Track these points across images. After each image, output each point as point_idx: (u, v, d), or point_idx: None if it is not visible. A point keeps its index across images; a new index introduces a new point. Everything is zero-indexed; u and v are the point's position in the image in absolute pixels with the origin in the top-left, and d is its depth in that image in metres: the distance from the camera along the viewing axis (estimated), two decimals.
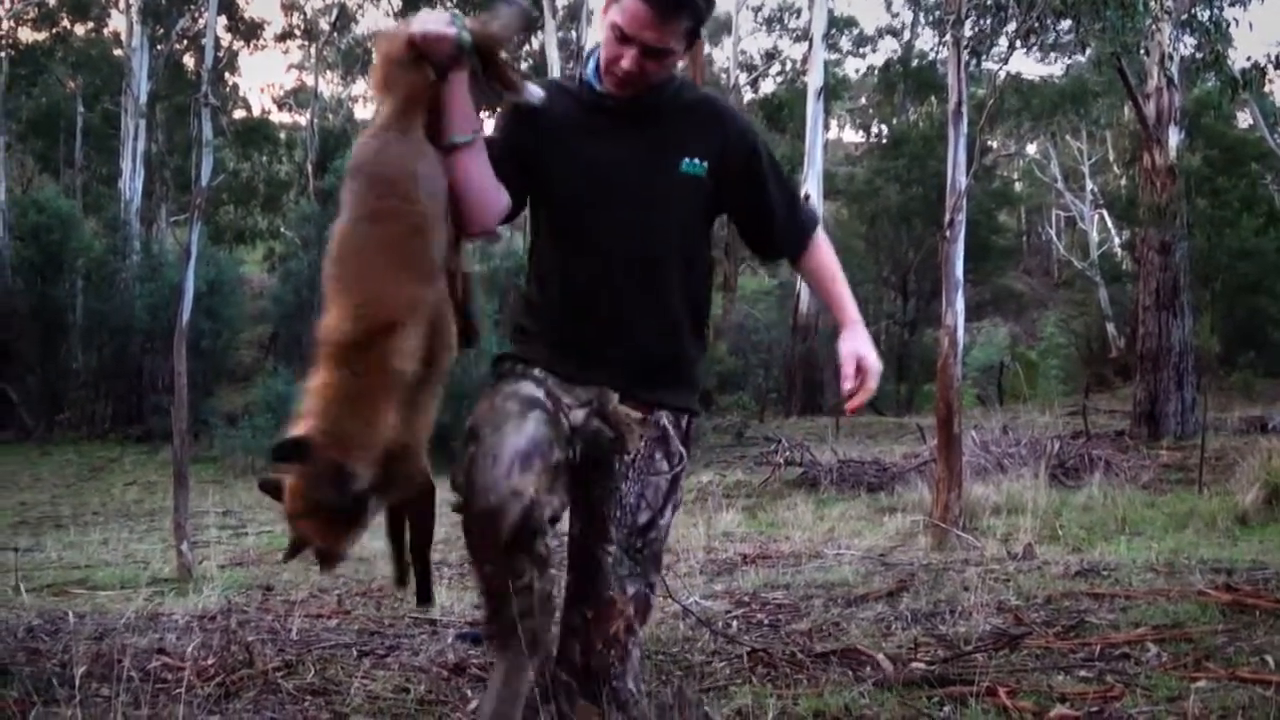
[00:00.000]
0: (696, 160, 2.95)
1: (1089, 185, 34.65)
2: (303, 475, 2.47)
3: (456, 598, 5.31)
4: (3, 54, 29.11)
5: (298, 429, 2.49)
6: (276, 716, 3.27)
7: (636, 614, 2.98)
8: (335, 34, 37.54)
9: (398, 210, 2.64)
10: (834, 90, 34.00)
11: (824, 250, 3.15)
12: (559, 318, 3.01)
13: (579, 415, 2.93)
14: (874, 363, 3.00)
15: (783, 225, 3.09)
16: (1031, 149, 39.07)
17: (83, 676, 3.33)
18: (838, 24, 36.89)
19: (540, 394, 2.89)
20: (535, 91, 2.90)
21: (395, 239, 2.62)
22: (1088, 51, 17.30)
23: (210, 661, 3.70)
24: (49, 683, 3.29)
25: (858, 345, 2.99)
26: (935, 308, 18.46)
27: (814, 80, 24.98)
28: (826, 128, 31.50)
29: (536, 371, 2.96)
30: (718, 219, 3.17)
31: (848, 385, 2.97)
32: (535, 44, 34.50)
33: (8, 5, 29.25)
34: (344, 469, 2.46)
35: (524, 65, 36.00)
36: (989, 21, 9.52)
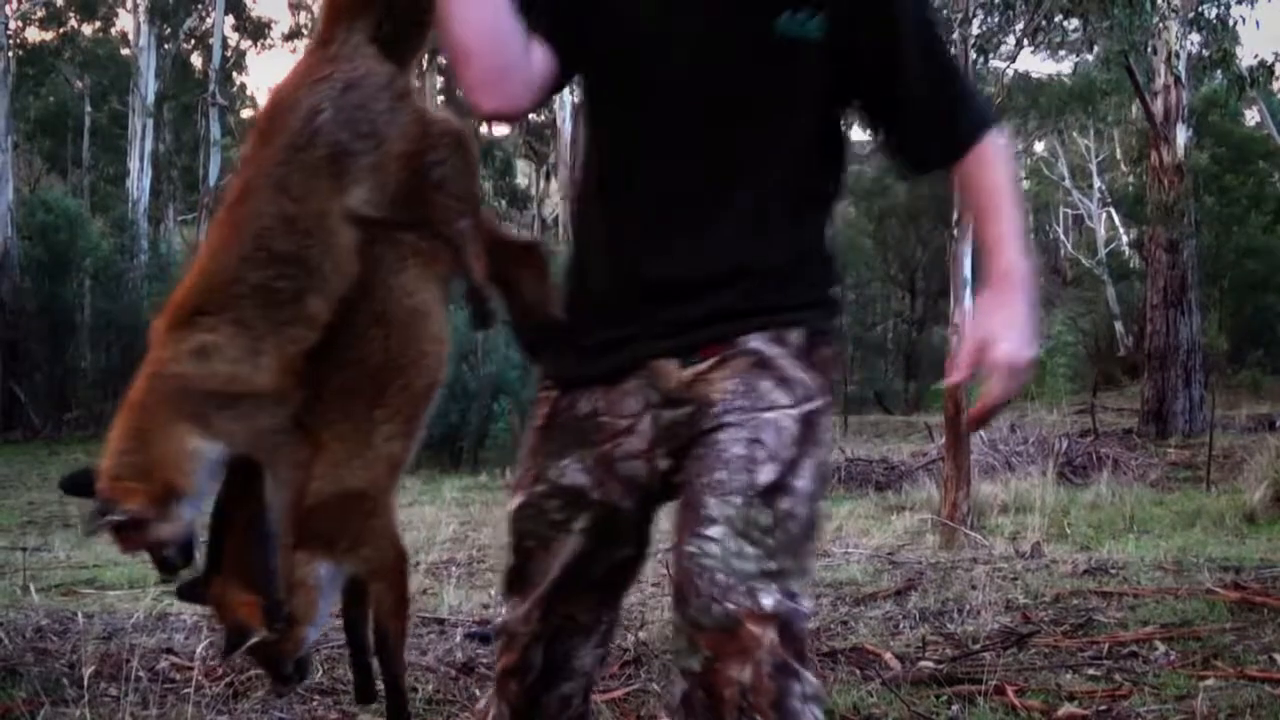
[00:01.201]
0: (802, 12, 1.91)
1: (1096, 183, 34.59)
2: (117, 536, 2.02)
3: (464, 596, 5.31)
4: (10, 54, 29.15)
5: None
6: (284, 716, 3.28)
7: (784, 641, 1.76)
8: None
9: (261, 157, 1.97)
10: None
11: (990, 168, 2.02)
12: (603, 256, 2.07)
13: (642, 430, 2.01)
14: (1008, 353, 1.87)
15: (921, 111, 2.00)
16: (1039, 147, 38.94)
17: (91, 676, 3.34)
18: None
19: (586, 478, 2.03)
20: None
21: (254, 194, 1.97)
22: (1095, 50, 17.24)
23: (218, 661, 3.70)
24: (58, 683, 3.30)
25: (991, 324, 1.90)
26: (943, 306, 18.46)
27: None
28: None
29: (582, 407, 2.05)
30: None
31: (953, 378, 1.97)
32: None
33: (15, 5, 29.29)
34: (104, 508, 1.97)
35: None
36: (996, 20, 9.53)
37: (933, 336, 28.40)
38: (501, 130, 39.85)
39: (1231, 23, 14.44)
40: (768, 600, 1.76)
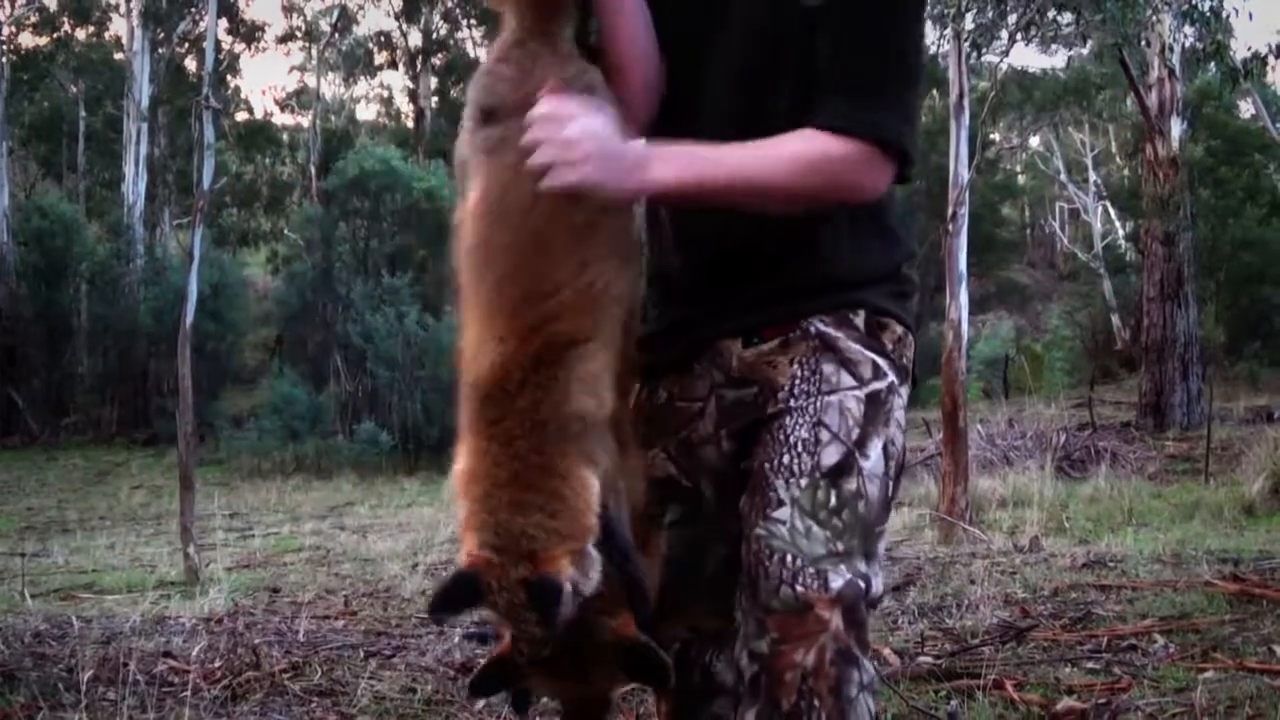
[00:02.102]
0: None
1: (1092, 177, 34.58)
2: (499, 619, 1.77)
3: None
4: (4, 59, 29.12)
5: (462, 551, 1.77)
6: (283, 718, 3.27)
7: (848, 626, 1.76)
8: (336, 35, 37.52)
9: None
10: None
11: (805, 139, 1.86)
12: (667, 240, 2.05)
13: (709, 412, 1.99)
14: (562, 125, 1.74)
15: (826, 82, 1.88)
16: (1034, 141, 38.95)
17: (89, 681, 3.33)
18: None
19: (672, 467, 2.01)
20: None
21: (571, 202, 1.75)
22: (1089, 43, 17.29)
23: (217, 664, 3.70)
24: (56, 687, 3.29)
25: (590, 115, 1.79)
26: (939, 301, 18.48)
27: None
28: None
29: (660, 394, 2.04)
30: None
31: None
32: None
33: (8, 10, 29.25)
34: (543, 585, 1.69)
35: None
36: (990, 14, 9.53)
37: (928, 331, 28.40)
38: None
39: (1225, 15, 14.40)
40: (836, 581, 1.76)
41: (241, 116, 37.91)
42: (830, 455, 1.83)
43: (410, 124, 37.52)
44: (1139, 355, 17.42)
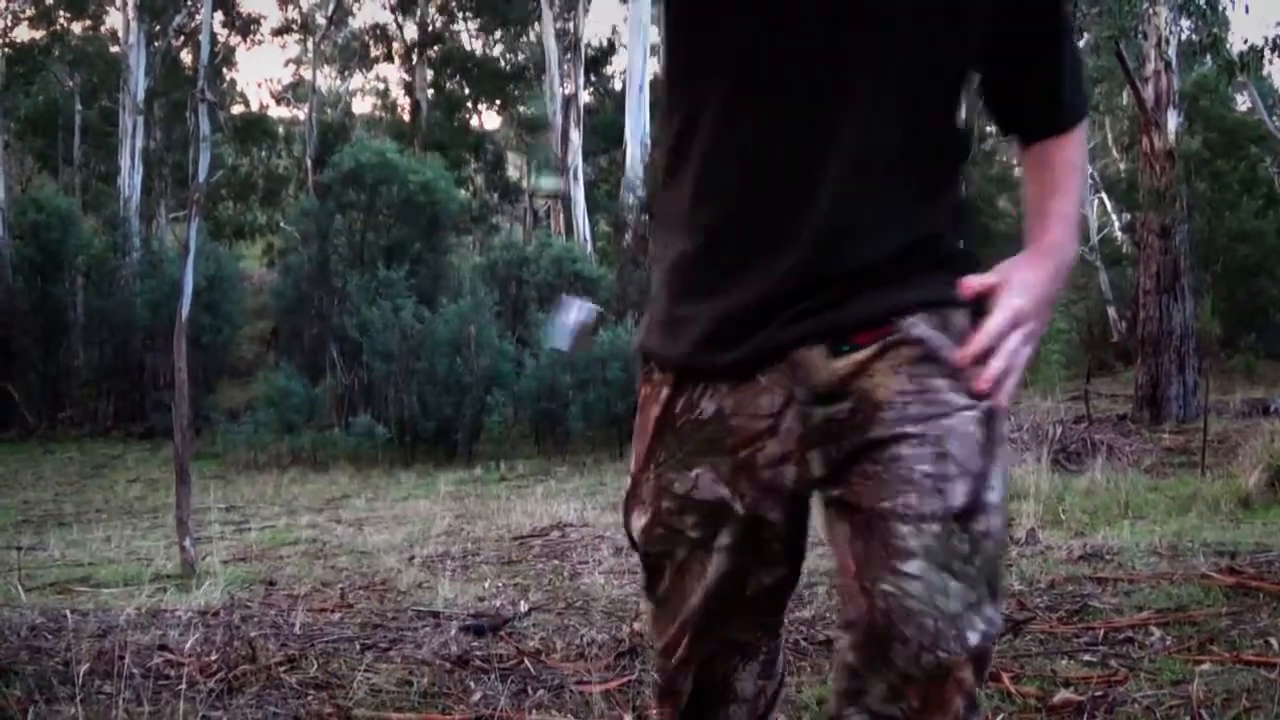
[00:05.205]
0: None
1: (1088, 169, 34.61)
2: None
3: (459, 590, 5.31)
4: (0, 53, 29.07)
5: None
6: (279, 711, 3.27)
7: (978, 677, 1.63)
8: (332, 28, 37.49)
9: None
10: None
11: (1076, 146, 1.84)
12: (705, 209, 1.72)
13: (787, 429, 1.70)
14: (1018, 306, 1.67)
15: (1044, 80, 1.80)
16: None
17: (85, 674, 3.33)
18: None
19: (724, 489, 1.75)
20: None
21: None
22: (1086, 36, 17.27)
23: (213, 657, 3.70)
24: (51, 681, 3.29)
25: (1015, 274, 1.71)
26: None
27: None
28: None
29: (706, 408, 1.75)
30: None
31: (966, 353, 1.65)
32: (532, 35, 34.51)
33: (4, 4, 29.22)
34: None
35: (521, 58, 36.00)
36: None
37: None
38: (491, 124, 39.88)
39: (1221, 7, 14.40)
40: (974, 638, 1.59)
41: (237, 109, 37.97)
42: (958, 494, 1.60)
43: (406, 117, 37.50)
44: (1135, 348, 17.41)
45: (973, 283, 1.67)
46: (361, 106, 47.40)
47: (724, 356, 1.70)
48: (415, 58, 36.01)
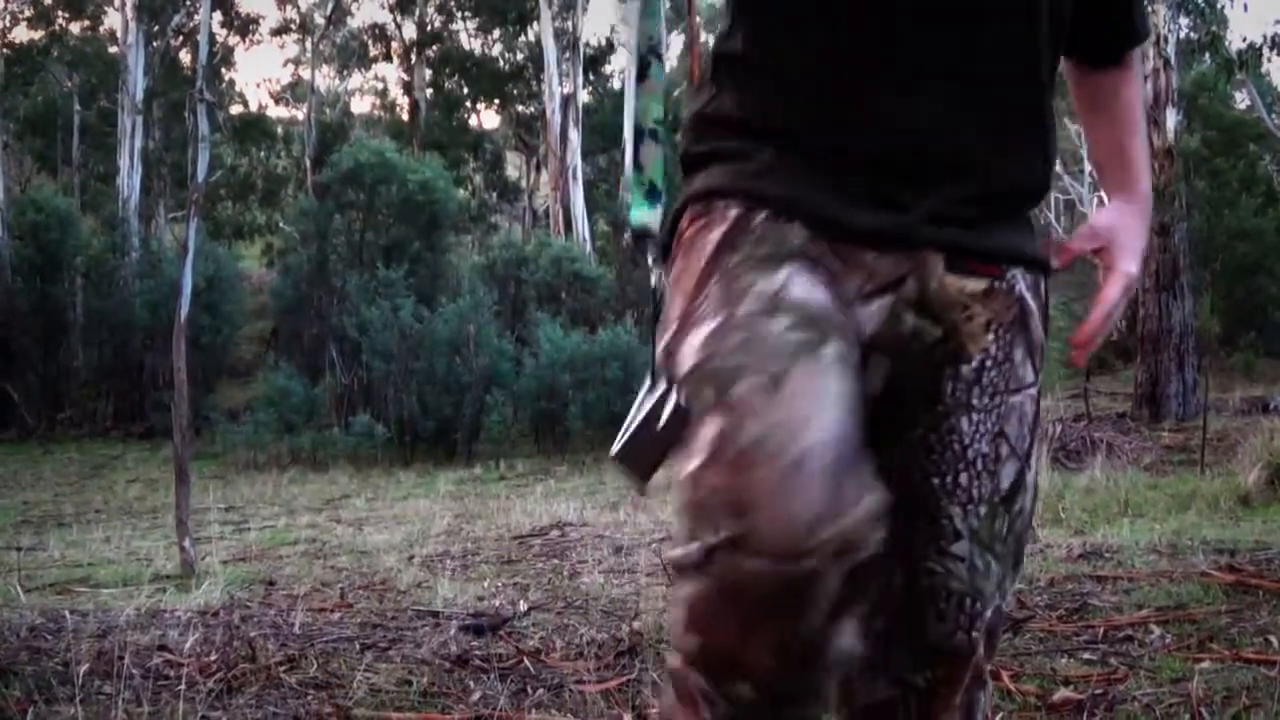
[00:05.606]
0: None
1: (1087, 167, 34.61)
2: None
3: (459, 589, 5.30)
4: None
5: None
6: (279, 711, 3.27)
7: (988, 653, 1.64)
8: (330, 28, 37.49)
9: None
10: None
11: (1136, 80, 1.80)
12: (831, 72, 1.53)
13: (873, 312, 1.53)
14: (1129, 269, 1.73)
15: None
16: None
17: (85, 675, 3.33)
18: None
19: (824, 294, 1.47)
20: None
21: None
22: None
23: (212, 657, 3.69)
24: (50, 682, 3.28)
25: (1119, 231, 1.74)
26: None
27: None
28: None
29: (796, 233, 1.50)
30: None
31: (1063, 257, 1.73)
32: (531, 34, 34.48)
33: (2, 4, 29.21)
34: None
35: (520, 57, 35.98)
36: None
37: None
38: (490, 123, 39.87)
39: (1220, 6, 14.45)
40: (992, 615, 1.61)
41: (236, 110, 37.95)
42: (1007, 475, 1.59)
43: (405, 116, 37.51)
44: (1135, 346, 17.41)
45: (1075, 246, 1.71)
46: (360, 106, 47.53)
47: (858, 218, 1.52)
48: (414, 57, 36.01)
